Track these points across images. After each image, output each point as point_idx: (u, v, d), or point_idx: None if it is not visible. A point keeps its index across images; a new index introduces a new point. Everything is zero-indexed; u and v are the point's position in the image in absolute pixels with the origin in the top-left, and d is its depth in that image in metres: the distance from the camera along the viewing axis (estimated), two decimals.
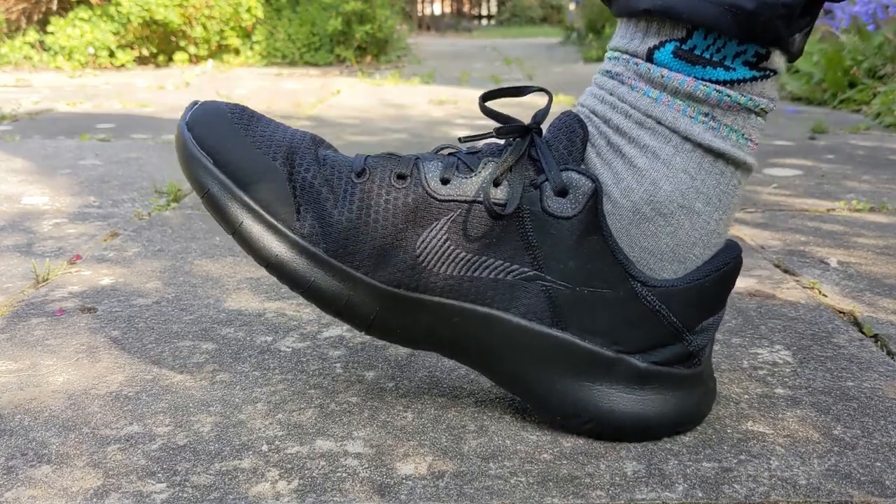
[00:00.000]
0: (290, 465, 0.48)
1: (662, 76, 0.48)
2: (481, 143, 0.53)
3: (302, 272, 0.49)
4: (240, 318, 0.71)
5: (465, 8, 13.59)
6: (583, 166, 0.50)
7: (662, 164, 0.49)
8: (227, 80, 3.29)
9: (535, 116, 0.52)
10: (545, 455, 0.49)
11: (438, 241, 0.49)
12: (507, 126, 0.51)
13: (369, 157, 0.52)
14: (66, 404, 0.56)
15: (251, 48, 4.12)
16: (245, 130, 0.51)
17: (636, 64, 0.49)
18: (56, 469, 0.48)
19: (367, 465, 0.48)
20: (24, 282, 0.81)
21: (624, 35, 0.50)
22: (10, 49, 3.90)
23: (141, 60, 4.00)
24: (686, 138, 0.48)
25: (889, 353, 0.64)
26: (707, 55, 0.47)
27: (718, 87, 0.48)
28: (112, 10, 3.86)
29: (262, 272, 0.84)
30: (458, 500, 0.45)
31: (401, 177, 0.50)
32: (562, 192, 0.49)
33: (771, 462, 0.48)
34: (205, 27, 3.97)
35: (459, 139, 0.53)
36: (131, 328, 0.69)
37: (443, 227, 0.49)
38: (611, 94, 0.50)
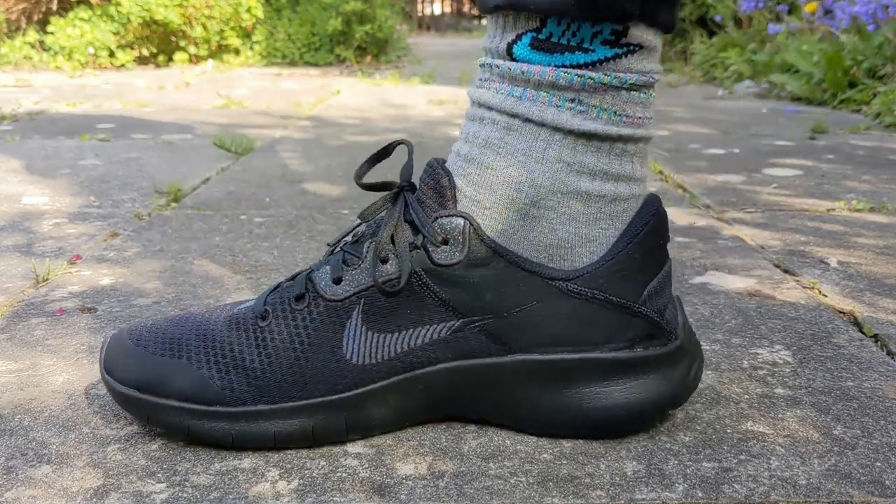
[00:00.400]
0: (290, 465, 0.48)
1: (523, 72, 0.48)
2: (363, 225, 0.54)
3: (262, 433, 0.49)
4: None
5: (465, 8, 13.59)
6: (458, 207, 0.50)
7: (535, 161, 0.49)
8: (226, 80, 3.29)
9: (401, 176, 0.52)
10: (545, 455, 0.49)
11: (359, 336, 0.50)
12: (370, 207, 0.52)
13: (270, 294, 0.53)
14: (66, 404, 0.56)
15: (251, 48, 4.12)
16: (149, 348, 0.52)
17: (497, 66, 0.50)
18: (56, 469, 0.48)
19: (367, 465, 0.48)
20: (24, 282, 0.81)
21: (488, 34, 0.51)
22: (10, 49, 3.90)
23: (141, 60, 4.00)
24: (556, 128, 0.48)
25: (889, 353, 0.64)
26: (564, 41, 0.47)
27: (579, 71, 0.47)
28: (112, 10, 3.86)
29: (263, 272, 0.84)
30: (458, 500, 0.45)
31: (298, 298, 0.51)
32: (444, 241, 0.49)
33: (771, 462, 0.48)
34: (205, 27, 3.97)
35: (328, 244, 0.54)
36: None
37: (355, 323, 0.50)
38: (480, 107, 0.51)
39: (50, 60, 3.85)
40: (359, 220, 0.53)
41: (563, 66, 0.48)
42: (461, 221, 0.49)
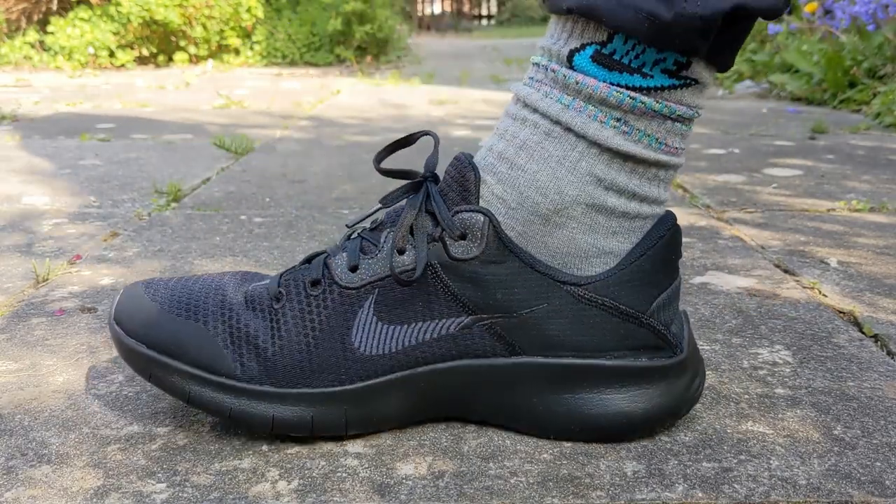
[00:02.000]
0: (290, 465, 0.48)
1: (577, 82, 0.48)
2: (384, 212, 0.54)
3: (261, 413, 0.50)
4: None
5: (465, 8, 13.59)
6: (481, 203, 0.50)
7: (567, 171, 0.49)
8: (227, 80, 3.29)
9: (426, 167, 0.52)
10: (545, 455, 0.49)
11: (369, 326, 0.50)
12: (391, 194, 0.53)
13: (283, 275, 0.53)
14: (66, 404, 0.56)
15: (251, 48, 4.12)
16: (164, 305, 0.52)
17: (553, 71, 0.49)
18: (56, 469, 0.48)
19: (367, 465, 0.48)
20: (24, 282, 0.81)
21: (551, 34, 0.51)
22: (10, 49, 3.90)
23: (141, 60, 4.00)
24: (594, 143, 0.49)
25: (889, 353, 0.64)
26: (626, 61, 0.47)
27: (633, 93, 0.48)
28: (112, 10, 3.86)
29: (263, 272, 0.84)
30: (458, 500, 0.45)
31: (314, 283, 0.52)
32: (462, 236, 0.49)
33: (771, 462, 0.48)
34: (205, 27, 3.97)
35: (347, 225, 0.54)
36: None
37: (367, 312, 0.50)
38: (525, 107, 0.51)
39: (50, 60, 3.85)
40: (380, 205, 0.53)
41: (619, 84, 0.48)
42: (481, 217, 0.49)
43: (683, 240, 0.96)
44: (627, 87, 0.48)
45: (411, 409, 0.51)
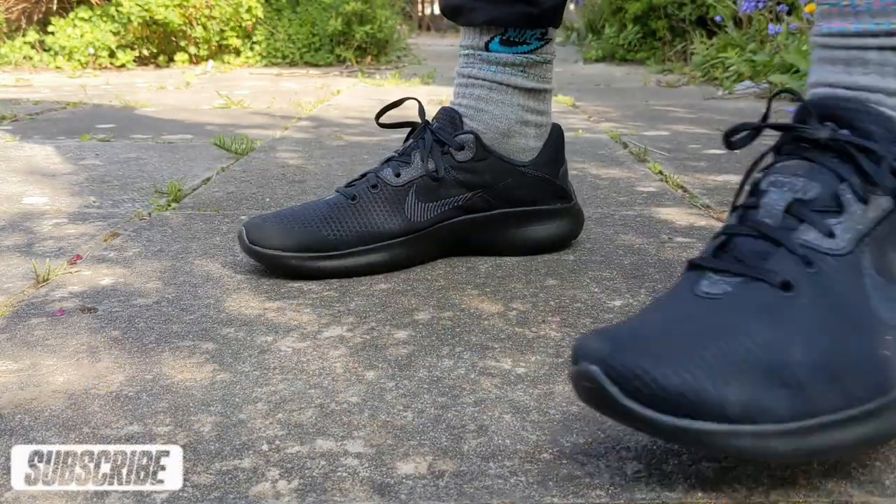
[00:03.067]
0: (290, 465, 0.48)
1: (497, 58, 0.86)
2: (408, 143, 0.88)
3: (362, 264, 0.82)
4: (240, 318, 0.71)
5: None
6: (465, 128, 0.86)
7: (507, 106, 0.87)
8: (227, 80, 3.29)
9: (420, 116, 0.88)
10: (545, 455, 0.49)
11: (414, 205, 0.84)
12: (416, 133, 0.87)
13: (347, 188, 0.85)
14: (66, 404, 0.56)
15: (251, 48, 4.12)
16: (283, 226, 0.81)
17: (479, 54, 0.87)
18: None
19: (367, 465, 0.48)
20: (25, 282, 0.81)
21: (470, 36, 0.88)
22: (10, 49, 3.90)
23: (141, 61, 4.00)
24: (514, 87, 0.86)
25: None
26: (517, 39, 0.86)
27: (526, 55, 0.86)
28: (112, 10, 3.86)
29: (262, 272, 0.84)
30: (458, 500, 0.45)
31: (374, 186, 0.84)
32: (461, 148, 0.85)
33: (771, 462, 0.48)
34: (205, 27, 3.97)
35: (395, 152, 0.88)
36: (131, 328, 0.69)
37: (411, 198, 0.84)
38: (469, 77, 0.88)
39: (50, 60, 3.85)
40: (408, 140, 0.88)
41: (517, 52, 0.86)
42: (471, 136, 0.85)
43: (683, 240, 0.96)
44: (522, 53, 0.86)
45: (439, 248, 0.86)
